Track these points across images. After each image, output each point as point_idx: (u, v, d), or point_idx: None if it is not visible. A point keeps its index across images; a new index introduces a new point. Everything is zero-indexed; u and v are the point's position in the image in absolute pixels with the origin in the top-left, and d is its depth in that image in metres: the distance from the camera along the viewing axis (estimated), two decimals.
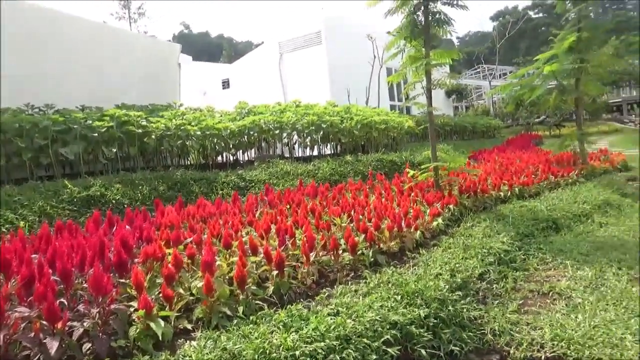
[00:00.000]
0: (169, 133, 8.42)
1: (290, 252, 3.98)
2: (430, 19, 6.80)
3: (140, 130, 8.08)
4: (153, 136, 8.23)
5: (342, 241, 4.34)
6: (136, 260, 3.53)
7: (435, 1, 6.77)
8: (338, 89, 15.79)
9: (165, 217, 4.96)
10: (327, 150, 11.07)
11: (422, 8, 6.77)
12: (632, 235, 5.78)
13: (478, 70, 42.96)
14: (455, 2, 6.73)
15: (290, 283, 3.52)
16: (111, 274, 3.23)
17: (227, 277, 3.45)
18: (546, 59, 10.33)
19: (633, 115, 33.62)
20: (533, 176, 8.37)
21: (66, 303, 2.80)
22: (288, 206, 5.99)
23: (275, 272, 3.45)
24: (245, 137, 9.66)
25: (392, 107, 18.61)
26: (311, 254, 3.85)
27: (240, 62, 20.43)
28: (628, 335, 3.16)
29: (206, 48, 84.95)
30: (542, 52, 10.75)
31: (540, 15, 71.04)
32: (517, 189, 7.43)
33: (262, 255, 3.64)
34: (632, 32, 34.17)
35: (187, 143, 8.72)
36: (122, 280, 3.19)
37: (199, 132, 8.71)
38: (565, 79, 10.09)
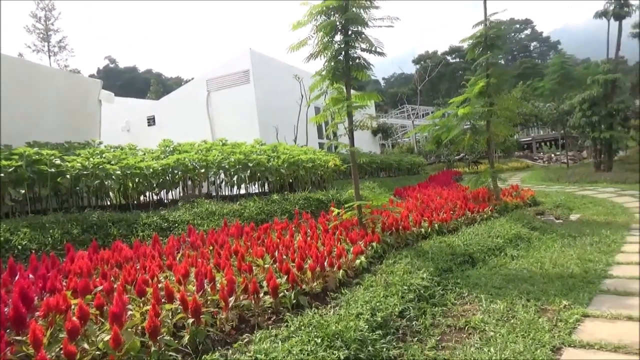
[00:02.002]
0: (85, 172, 8.01)
1: (210, 297, 3.86)
2: (350, 63, 7.09)
3: (53, 170, 7.63)
4: (68, 176, 7.79)
5: (265, 283, 4.28)
6: (37, 313, 3.26)
7: (355, 48, 7.08)
8: (267, 127, 15.91)
9: (75, 263, 4.65)
10: (255, 189, 11.00)
11: (343, 53, 7.06)
12: (539, 267, 6.18)
13: (403, 110, 45.21)
14: (373, 49, 7.08)
15: (208, 331, 3.38)
16: (7, 331, 2.96)
17: (139, 328, 3.26)
18: (460, 102, 11.08)
19: (541, 153, 36.53)
20: (451, 212, 8.77)
21: None
22: (211, 248, 5.84)
23: (191, 320, 3.31)
24: (169, 176, 9.39)
25: (321, 145, 18.98)
26: (231, 299, 3.75)
27: (166, 99, 20.06)
28: None
29: (133, 83, 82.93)
30: (460, 94, 11.51)
31: (458, 60, 76.52)
32: (436, 225, 7.74)
33: (178, 302, 3.50)
34: (537, 78, 37.67)
35: (106, 183, 8.32)
36: (19, 338, 2.92)
37: (119, 171, 8.36)
38: (477, 120, 10.85)
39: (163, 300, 3.57)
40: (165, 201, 9.91)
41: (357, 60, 7.25)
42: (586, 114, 20.85)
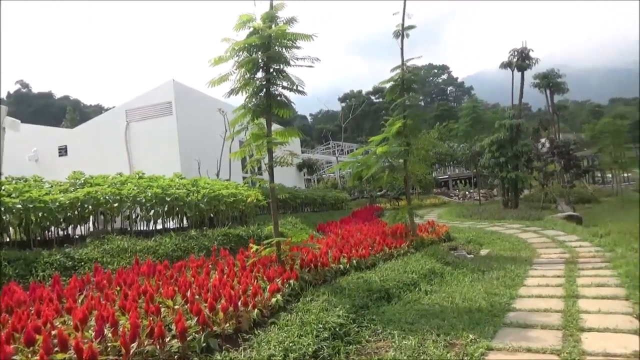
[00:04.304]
0: None
1: (110, 344, 3.60)
2: (272, 100, 7.16)
3: None
4: None
5: (174, 326, 4.07)
6: None
7: (276, 85, 7.18)
8: (189, 160, 15.54)
9: None
10: (173, 224, 10.59)
11: (264, 90, 7.13)
12: (450, 302, 6.42)
13: (329, 146, 46.25)
14: (295, 88, 7.21)
15: None
16: None
17: None
18: (379, 140, 11.52)
19: (457, 190, 38.60)
20: (370, 248, 8.93)
21: None
22: (118, 288, 5.49)
23: None
24: (78, 210, 8.80)
25: (245, 179, 18.80)
26: (133, 344, 3.52)
27: (81, 128, 19.07)
28: None
29: (48, 110, 78.17)
30: (382, 132, 11.94)
31: (381, 100, 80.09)
32: (355, 261, 7.83)
33: (72, 350, 3.22)
34: (452, 120, 40.28)
35: (4, 217, 7.63)
36: None
37: (19, 205, 7.71)
38: (395, 159, 11.30)
39: (56, 349, 3.27)
40: (74, 237, 9.25)
41: (279, 98, 7.34)
42: (494, 155, 22.45)
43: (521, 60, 25.16)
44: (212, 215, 10.99)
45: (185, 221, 10.68)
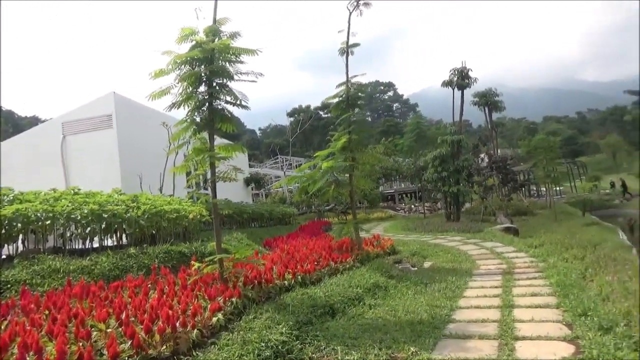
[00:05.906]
0: None
1: None
2: (215, 114, 7.06)
3: None
4: None
5: (106, 350, 3.86)
6: None
7: (219, 99, 7.09)
8: (130, 175, 14.99)
9: None
10: (112, 241, 10.12)
11: (207, 104, 7.02)
12: (393, 315, 6.49)
13: (277, 160, 46.17)
14: (238, 102, 7.15)
15: None
16: None
17: None
18: (325, 155, 11.60)
19: (403, 204, 39.43)
20: (316, 263, 8.91)
21: None
22: (47, 312, 5.16)
23: None
24: (5, 229, 8.25)
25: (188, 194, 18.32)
26: None
27: (11, 142, 18.00)
28: None
29: None
30: (329, 147, 12.00)
31: (329, 115, 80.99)
32: (300, 276, 7.78)
33: None
34: (398, 135, 41.35)
35: None
36: None
37: None
38: (340, 174, 11.40)
39: None
40: (1, 257, 8.65)
41: (222, 112, 7.25)
42: (437, 169, 23.13)
43: (461, 79, 26.27)
44: (153, 232, 10.61)
45: (124, 238, 10.25)
